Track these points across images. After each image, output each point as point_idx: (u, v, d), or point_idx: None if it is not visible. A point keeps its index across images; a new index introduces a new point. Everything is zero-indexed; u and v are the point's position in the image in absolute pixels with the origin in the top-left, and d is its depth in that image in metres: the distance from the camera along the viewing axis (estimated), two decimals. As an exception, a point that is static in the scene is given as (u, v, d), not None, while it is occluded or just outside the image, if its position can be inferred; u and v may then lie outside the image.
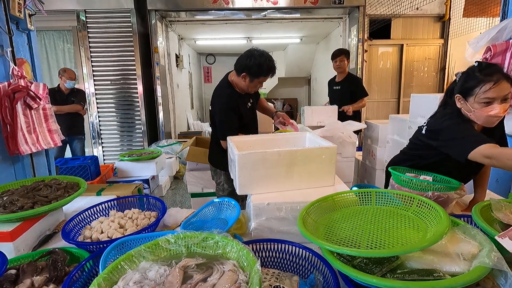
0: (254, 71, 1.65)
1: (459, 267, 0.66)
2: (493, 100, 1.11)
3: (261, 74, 1.67)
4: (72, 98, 3.57)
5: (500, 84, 1.09)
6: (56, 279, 0.86)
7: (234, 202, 1.13)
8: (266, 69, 1.66)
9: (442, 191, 1.12)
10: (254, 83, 1.71)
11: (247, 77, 1.68)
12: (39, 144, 1.91)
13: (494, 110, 1.11)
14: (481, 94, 1.12)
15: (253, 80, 1.69)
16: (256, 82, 1.70)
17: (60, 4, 4.05)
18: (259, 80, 1.69)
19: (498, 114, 1.11)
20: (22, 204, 1.16)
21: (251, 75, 1.67)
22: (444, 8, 4.69)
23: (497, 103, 1.11)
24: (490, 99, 1.11)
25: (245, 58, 1.66)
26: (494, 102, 1.11)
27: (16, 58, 1.84)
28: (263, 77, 1.68)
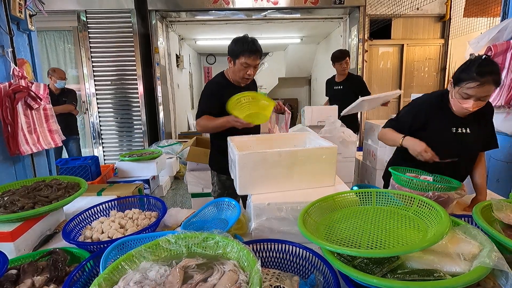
0: (232, 51, 1.65)
1: (459, 267, 0.66)
2: (471, 97, 1.22)
3: (240, 53, 1.61)
4: (64, 98, 3.55)
5: (484, 86, 1.18)
6: (56, 279, 0.87)
7: (234, 202, 1.13)
8: (243, 47, 1.61)
9: (442, 191, 1.12)
10: (238, 67, 1.65)
11: (231, 60, 1.67)
12: (40, 144, 1.91)
13: (467, 104, 1.24)
14: (464, 88, 1.23)
15: (235, 62, 1.65)
16: (238, 64, 1.64)
17: (60, 4, 4.06)
18: (240, 61, 1.63)
19: (468, 108, 1.25)
20: (22, 204, 1.17)
21: (232, 56, 1.66)
22: (445, 8, 4.69)
23: (473, 100, 1.22)
24: (469, 96, 1.23)
25: (229, 44, 1.69)
26: (471, 98, 1.23)
27: (17, 59, 1.84)
28: (243, 56, 1.61)
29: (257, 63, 1.67)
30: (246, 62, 1.63)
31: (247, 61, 1.63)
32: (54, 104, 3.45)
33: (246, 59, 1.62)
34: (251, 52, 1.62)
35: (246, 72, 1.66)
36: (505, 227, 0.85)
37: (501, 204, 0.90)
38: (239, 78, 1.70)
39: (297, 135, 1.65)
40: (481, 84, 1.18)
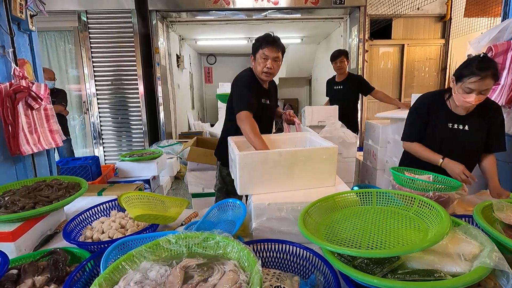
0: (253, 47, 1.69)
1: (460, 268, 0.66)
2: (473, 91, 1.32)
3: (260, 46, 1.65)
4: (53, 99, 3.53)
5: (485, 80, 1.28)
6: (57, 279, 0.87)
7: (239, 202, 1.13)
8: (261, 39, 1.66)
9: (443, 191, 1.12)
10: (258, 60, 1.67)
11: (253, 58, 1.71)
12: (41, 145, 1.91)
13: (470, 98, 1.33)
14: (466, 83, 1.32)
15: (256, 58, 1.68)
16: (258, 57, 1.66)
17: (61, 4, 4.06)
18: (259, 54, 1.65)
19: (471, 102, 1.34)
20: (23, 204, 1.17)
21: (253, 53, 1.70)
22: (445, 8, 4.68)
23: (475, 94, 1.31)
24: (471, 90, 1.32)
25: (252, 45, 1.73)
26: (473, 92, 1.32)
27: (17, 59, 1.84)
28: (261, 49, 1.65)
29: (276, 55, 1.66)
30: (264, 53, 1.64)
31: (265, 51, 1.64)
32: None
33: (264, 50, 1.64)
34: (268, 43, 1.64)
35: (266, 64, 1.65)
36: (505, 227, 0.85)
37: (501, 204, 0.90)
38: (260, 71, 1.69)
39: (298, 135, 1.65)
40: (481, 78, 1.28)
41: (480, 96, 1.32)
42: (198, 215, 1.37)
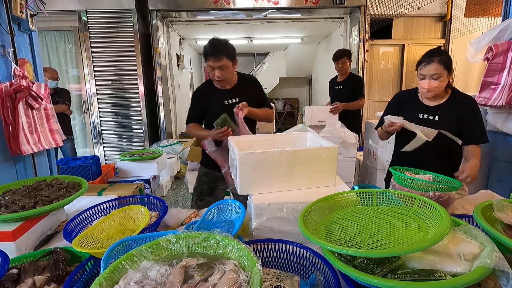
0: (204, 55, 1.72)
1: (460, 268, 0.66)
2: (424, 76, 1.47)
3: (205, 58, 1.68)
4: (57, 98, 3.54)
5: (431, 65, 1.44)
6: (57, 278, 0.87)
7: (238, 203, 1.13)
8: (205, 51, 1.67)
9: (443, 191, 1.12)
10: (208, 69, 1.73)
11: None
12: (41, 144, 1.91)
13: (423, 84, 1.48)
14: (420, 71, 1.50)
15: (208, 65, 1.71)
16: (207, 67, 1.71)
17: (61, 4, 4.06)
18: (208, 64, 1.68)
19: (425, 87, 1.48)
20: (23, 204, 1.17)
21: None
22: (446, 8, 4.68)
23: (427, 79, 1.46)
24: (423, 76, 1.48)
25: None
26: (425, 78, 1.47)
27: (17, 59, 1.84)
28: (207, 61, 1.67)
29: (219, 65, 1.65)
30: (209, 65, 1.67)
31: (210, 63, 1.66)
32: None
33: (209, 62, 1.66)
34: (210, 55, 1.64)
35: (214, 74, 1.69)
36: (506, 227, 0.85)
37: (502, 204, 0.90)
38: (214, 78, 1.73)
39: (298, 135, 1.65)
40: (427, 63, 1.45)
41: (432, 82, 1.45)
42: (198, 214, 1.37)
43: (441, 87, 1.49)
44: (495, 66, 2.10)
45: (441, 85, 1.48)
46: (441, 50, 1.49)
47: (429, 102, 1.58)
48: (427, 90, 1.49)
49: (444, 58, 1.45)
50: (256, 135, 1.60)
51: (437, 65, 1.44)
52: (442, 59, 1.45)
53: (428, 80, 1.47)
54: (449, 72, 1.47)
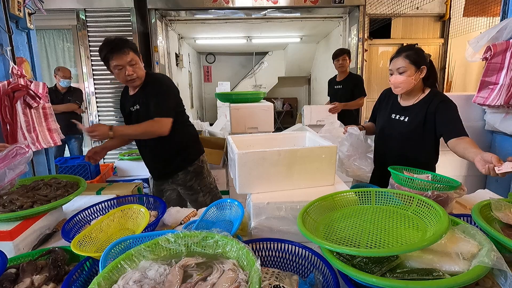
0: (103, 60, 1.53)
1: (458, 267, 0.66)
2: (392, 71, 1.49)
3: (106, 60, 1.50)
4: (69, 97, 3.56)
5: (397, 59, 1.46)
6: (56, 278, 0.86)
7: (237, 202, 1.12)
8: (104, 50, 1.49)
9: (441, 191, 1.12)
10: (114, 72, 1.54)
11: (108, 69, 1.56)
12: (39, 143, 1.91)
13: (392, 79, 1.50)
14: (389, 68, 1.53)
15: (110, 70, 1.55)
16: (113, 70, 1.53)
17: (59, 3, 4.04)
18: (111, 66, 1.51)
19: (391, 82, 1.50)
20: (21, 203, 1.16)
21: (105, 65, 1.55)
22: (445, 8, 4.69)
23: (394, 74, 1.48)
24: (391, 71, 1.51)
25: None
26: (393, 73, 1.49)
27: (15, 57, 1.84)
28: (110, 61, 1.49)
29: (129, 59, 1.48)
30: (116, 64, 1.48)
31: (116, 62, 1.48)
32: (59, 102, 3.45)
33: (114, 61, 1.48)
34: (112, 51, 1.47)
35: (125, 73, 1.51)
36: (504, 226, 0.85)
37: (500, 204, 0.90)
38: (123, 82, 1.57)
39: (297, 134, 1.65)
40: (394, 58, 1.48)
41: (398, 76, 1.46)
42: (196, 214, 1.37)
43: (407, 83, 1.45)
44: (493, 66, 2.10)
45: (407, 80, 1.45)
46: (411, 47, 1.48)
47: (404, 102, 1.57)
48: (394, 86, 1.50)
49: (411, 54, 1.44)
50: (255, 134, 1.59)
51: (402, 59, 1.44)
52: (409, 54, 1.44)
53: (394, 75, 1.48)
54: (417, 68, 1.44)
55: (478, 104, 2.29)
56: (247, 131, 2.81)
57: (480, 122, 2.45)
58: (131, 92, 1.69)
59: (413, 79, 1.45)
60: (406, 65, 1.44)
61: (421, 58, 1.45)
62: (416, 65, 1.44)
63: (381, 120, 1.68)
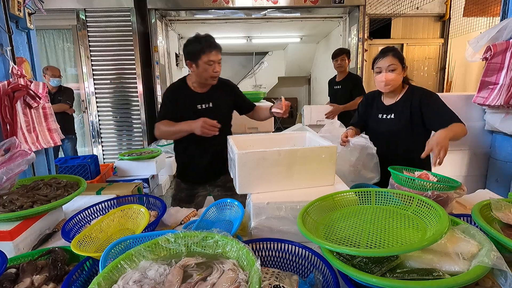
0: (191, 53, 1.57)
1: (458, 267, 0.66)
2: (381, 69, 1.56)
3: (200, 52, 1.54)
4: (59, 97, 3.53)
5: (384, 58, 1.54)
6: (56, 278, 0.86)
7: (237, 202, 1.12)
8: (202, 45, 1.54)
9: (441, 191, 1.12)
10: (202, 67, 1.57)
11: (192, 63, 1.59)
12: (39, 143, 1.91)
13: (380, 77, 1.56)
14: (375, 65, 1.59)
15: (198, 64, 1.57)
16: (202, 64, 1.56)
17: (59, 3, 4.04)
18: (203, 60, 1.55)
19: (381, 80, 1.56)
20: (21, 203, 1.16)
21: (192, 59, 1.58)
22: (445, 8, 4.69)
23: (384, 72, 1.55)
24: (380, 69, 1.57)
25: (183, 49, 1.62)
26: (382, 71, 1.55)
27: (15, 57, 1.83)
28: (205, 55, 1.54)
29: (219, 58, 1.59)
30: (209, 59, 1.55)
31: (210, 57, 1.55)
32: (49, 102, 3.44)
33: (208, 56, 1.54)
34: (211, 47, 1.55)
35: (213, 69, 1.58)
36: (504, 226, 0.85)
37: (500, 204, 0.90)
38: (206, 78, 1.61)
39: (297, 134, 1.65)
40: (383, 57, 1.55)
41: (389, 74, 1.53)
42: (196, 214, 1.37)
43: (397, 80, 1.56)
44: (493, 66, 2.10)
45: (397, 78, 1.55)
46: (394, 48, 1.60)
47: (387, 101, 1.66)
48: (384, 84, 1.56)
49: (397, 53, 1.56)
50: (255, 134, 1.59)
51: (391, 57, 1.53)
52: (396, 53, 1.55)
53: (384, 73, 1.55)
54: (403, 66, 1.56)
55: (478, 104, 2.29)
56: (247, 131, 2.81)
57: (480, 122, 2.46)
58: (198, 90, 1.70)
59: (401, 77, 1.57)
60: (396, 62, 1.53)
61: (403, 57, 1.58)
62: (402, 63, 1.56)
63: (370, 122, 1.75)
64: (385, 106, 1.65)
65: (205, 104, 1.70)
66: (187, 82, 1.72)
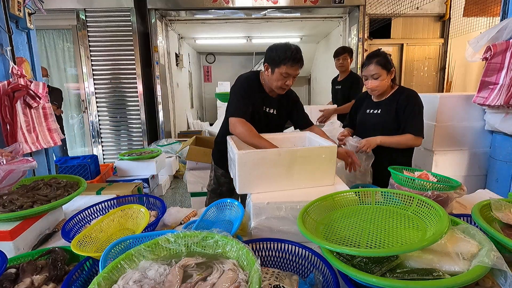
0: (272, 59, 1.50)
1: (458, 267, 0.66)
2: (366, 77, 1.66)
3: (282, 62, 1.47)
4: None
5: (368, 66, 1.63)
6: (56, 278, 0.86)
7: (237, 202, 1.12)
8: (286, 55, 1.47)
9: (441, 191, 1.12)
10: (276, 76, 1.51)
11: (269, 67, 1.53)
12: (39, 143, 1.91)
13: (367, 84, 1.66)
14: (363, 72, 1.69)
15: (274, 71, 1.51)
16: (278, 73, 1.50)
17: (59, 3, 4.04)
18: (281, 70, 1.49)
19: (368, 87, 1.67)
20: (21, 203, 1.16)
21: (271, 64, 1.51)
22: (444, 8, 4.69)
23: (370, 80, 1.64)
24: (366, 77, 1.67)
25: (268, 50, 1.55)
26: (368, 78, 1.65)
27: (15, 57, 1.84)
28: (285, 66, 1.48)
29: (298, 73, 1.55)
30: (287, 72, 1.49)
31: (289, 71, 1.49)
32: None
33: (287, 69, 1.49)
34: (294, 61, 1.48)
35: (285, 82, 1.53)
36: (504, 226, 0.85)
37: (500, 204, 0.90)
38: (276, 87, 1.56)
39: (297, 134, 1.65)
40: (367, 64, 1.64)
41: (373, 81, 1.63)
42: (197, 214, 1.37)
43: (382, 86, 1.64)
44: (493, 66, 2.10)
45: (382, 84, 1.63)
46: (379, 52, 1.64)
47: (376, 98, 1.77)
48: (370, 90, 1.68)
49: (380, 59, 1.60)
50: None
51: (375, 65, 1.61)
52: (379, 60, 1.60)
53: (370, 80, 1.64)
54: (388, 71, 1.62)
55: (478, 104, 2.29)
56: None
57: (480, 122, 2.45)
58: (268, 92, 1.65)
59: (386, 82, 1.64)
60: (379, 70, 1.61)
61: (389, 62, 1.62)
62: (387, 69, 1.62)
63: (359, 116, 1.86)
64: (374, 103, 1.76)
65: (271, 109, 1.67)
66: (260, 80, 1.64)
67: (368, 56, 1.66)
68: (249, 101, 1.56)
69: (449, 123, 2.41)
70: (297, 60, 1.50)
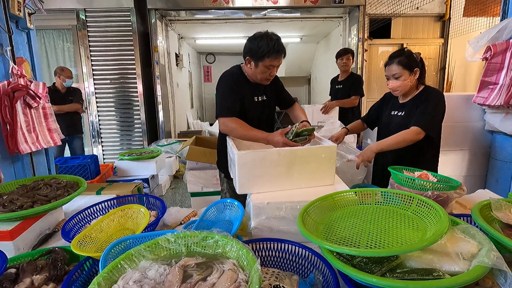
0: (254, 52, 1.47)
1: (458, 267, 0.66)
2: (388, 77, 1.61)
3: (265, 55, 1.44)
4: (70, 97, 3.57)
5: (390, 66, 1.58)
6: (56, 278, 0.87)
7: (236, 202, 1.12)
8: (269, 47, 1.44)
9: (441, 191, 1.12)
10: (260, 69, 1.49)
11: (251, 61, 1.50)
12: (39, 143, 1.91)
13: (388, 84, 1.62)
14: (385, 71, 1.63)
15: (257, 65, 1.49)
16: (262, 67, 1.48)
17: (59, 3, 4.04)
18: (264, 63, 1.46)
19: (389, 87, 1.63)
20: (21, 203, 1.16)
21: (254, 58, 1.49)
22: (444, 8, 4.69)
23: (391, 80, 1.59)
24: (387, 76, 1.62)
25: (247, 42, 1.52)
26: (389, 78, 1.60)
27: (15, 57, 1.83)
28: (268, 59, 1.45)
29: (281, 62, 1.53)
30: (271, 64, 1.47)
31: (273, 62, 1.47)
32: (60, 103, 3.46)
33: (271, 61, 1.46)
34: (278, 53, 1.46)
35: (270, 73, 1.52)
36: (504, 226, 0.85)
37: (500, 204, 0.90)
38: (261, 79, 1.55)
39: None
40: (389, 64, 1.58)
41: (394, 81, 1.58)
42: (196, 214, 1.37)
43: (404, 86, 1.57)
44: (493, 66, 2.11)
45: (404, 84, 1.57)
46: (402, 52, 1.58)
47: (402, 99, 1.69)
48: (392, 90, 1.63)
49: (402, 59, 1.54)
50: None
51: (396, 66, 1.55)
52: (401, 60, 1.54)
53: (391, 80, 1.59)
54: (410, 72, 1.55)
55: (478, 104, 2.29)
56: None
57: (480, 122, 2.46)
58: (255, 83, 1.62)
59: (409, 82, 1.56)
60: (400, 70, 1.54)
61: (413, 61, 1.55)
62: (409, 69, 1.54)
63: (383, 118, 1.79)
64: (399, 104, 1.70)
65: (261, 97, 1.66)
66: (244, 72, 1.62)
67: (390, 56, 1.59)
68: (237, 96, 1.54)
69: (449, 123, 2.41)
70: (280, 51, 1.48)
